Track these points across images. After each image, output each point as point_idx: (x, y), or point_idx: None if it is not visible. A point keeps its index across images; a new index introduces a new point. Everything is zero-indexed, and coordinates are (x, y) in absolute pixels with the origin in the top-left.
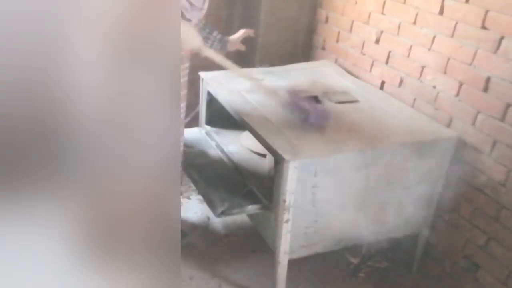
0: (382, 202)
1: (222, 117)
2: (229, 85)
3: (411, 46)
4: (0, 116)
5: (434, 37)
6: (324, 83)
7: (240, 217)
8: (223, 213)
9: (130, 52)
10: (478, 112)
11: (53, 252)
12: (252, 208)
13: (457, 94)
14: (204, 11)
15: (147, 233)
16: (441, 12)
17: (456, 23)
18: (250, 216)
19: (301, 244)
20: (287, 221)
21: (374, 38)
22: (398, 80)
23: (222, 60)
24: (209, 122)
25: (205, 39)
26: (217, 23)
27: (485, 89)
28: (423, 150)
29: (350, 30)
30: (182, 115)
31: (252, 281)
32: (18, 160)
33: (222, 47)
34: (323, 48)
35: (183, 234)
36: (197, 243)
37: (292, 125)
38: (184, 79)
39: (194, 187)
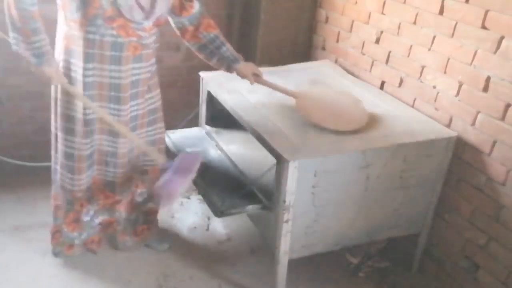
0: (382, 202)
1: (222, 117)
2: (229, 85)
3: (411, 46)
4: None
5: (434, 37)
6: (324, 83)
7: (240, 217)
8: (223, 213)
9: None
10: (478, 112)
11: None
12: (252, 208)
13: (457, 94)
14: (154, 15)
15: None
16: (441, 12)
17: (456, 23)
18: (250, 216)
19: (301, 244)
20: (287, 221)
21: (374, 38)
22: (398, 80)
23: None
24: (209, 122)
25: (211, 53)
26: (217, 23)
27: (485, 89)
28: (423, 150)
29: (350, 30)
30: (157, 104)
31: (252, 281)
32: None
33: (227, 68)
34: (323, 48)
35: (164, 240)
36: (198, 243)
37: (293, 125)
38: (153, 68)
39: (194, 187)
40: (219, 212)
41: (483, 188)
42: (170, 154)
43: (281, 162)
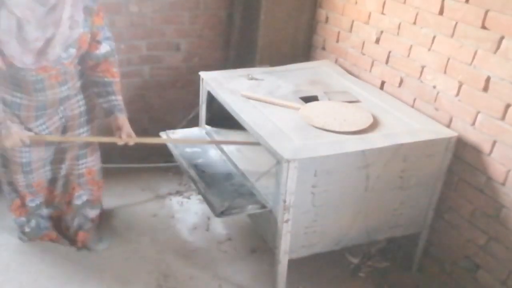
0: (382, 202)
1: (222, 117)
2: (229, 85)
3: (411, 46)
4: None
5: (434, 37)
6: (324, 83)
7: (240, 217)
8: (223, 213)
9: None
10: (478, 112)
11: None
12: (252, 208)
13: (457, 94)
14: (48, 58)
15: None
16: (441, 12)
17: (456, 23)
18: (250, 216)
19: (301, 244)
20: (287, 221)
21: (374, 38)
22: (398, 80)
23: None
24: (209, 122)
25: (99, 94)
26: (218, 23)
27: (485, 89)
28: (423, 150)
29: (350, 30)
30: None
31: (252, 281)
32: None
33: (109, 112)
34: (323, 48)
35: (102, 239)
36: (198, 243)
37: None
38: (82, 108)
39: (194, 187)
40: (219, 212)
41: (483, 188)
42: None
43: (281, 162)
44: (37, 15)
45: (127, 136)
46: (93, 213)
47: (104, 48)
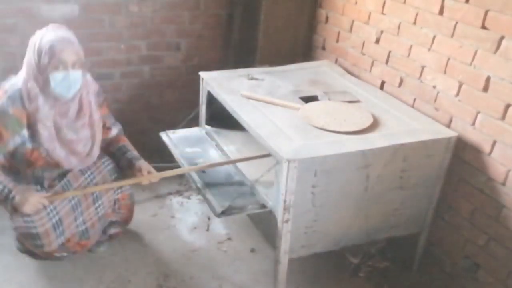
0: (382, 202)
1: (222, 117)
2: (229, 85)
3: (411, 46)
4: None
5: (434, 37)
6: (324, 83)
7: (240, 217)
8: (223, 213)
9: None
10: (478, 112)
11: None
12: (252, 208)
13: (457, 94)
14: (93, 158)
15: None
16: (441, 12)
17: (456, 23)
18: (250, 216)
19: (301, 244)
20: (287, 221)
21: (374, 38)
22: (398, 80)
23: None
24: (209, 122)
25: (117, 159)
26: (218, 23)
27: (485, 89)
28: (423, 150)
29: (350, 30)
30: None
31: (253, 281)
32: None
33: (129, 163)
34: (323, 48)
35: (101, 243)
36: (198, 243)
37: (292, 125)
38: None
39: (194, 187)
40: (219, 212)
41: (483, 188)
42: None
43: (281, 162)
44: (66, 122)
45: (148, 173)
46: (114, 230)
47: (114, 131)
